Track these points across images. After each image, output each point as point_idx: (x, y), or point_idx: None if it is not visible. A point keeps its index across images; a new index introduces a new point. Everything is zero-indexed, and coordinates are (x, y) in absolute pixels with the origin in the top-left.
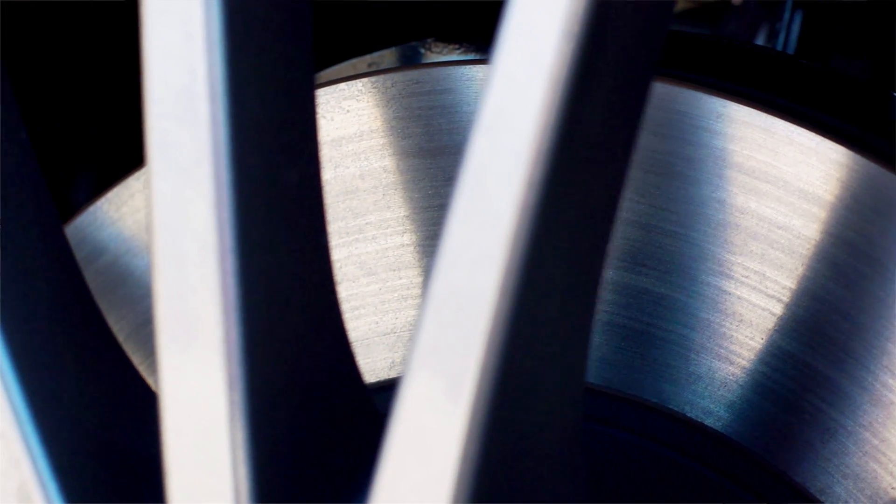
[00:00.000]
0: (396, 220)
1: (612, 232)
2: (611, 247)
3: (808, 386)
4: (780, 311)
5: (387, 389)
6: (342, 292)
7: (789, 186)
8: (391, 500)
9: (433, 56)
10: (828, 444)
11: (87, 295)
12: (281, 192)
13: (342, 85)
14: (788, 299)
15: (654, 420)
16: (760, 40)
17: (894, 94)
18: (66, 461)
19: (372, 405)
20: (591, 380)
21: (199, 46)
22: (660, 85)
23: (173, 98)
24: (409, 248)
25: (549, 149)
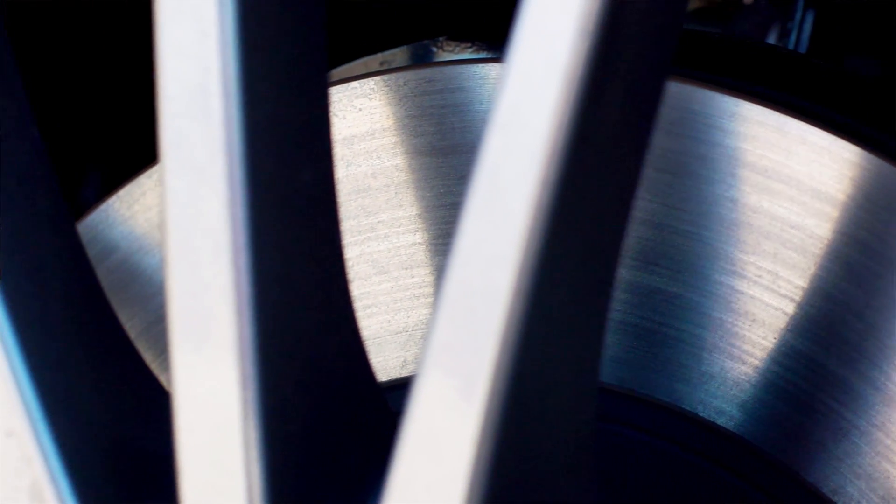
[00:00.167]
0: (408, 218)
1: (626, 230)
2: (624, 245)
3: (821, 385)
4: (793, 311)
5: (398, 388)
6: (354, 291)
7: (802, 186)
8: (404, 500)
9: (445, 55)
10: (840, 443)
11: (99, 293)
12: (294, 190)
13: (354, 83)
14: (801, 299)
15: (667, 419)
16: (771, 40)
17: None
18: (78, 459)
19: (385, 404)
20: (603, 379)
21: (213, 44)
22: (673, 83)
23: (187, 96)
24: (421, 246)
25: (564, 147)
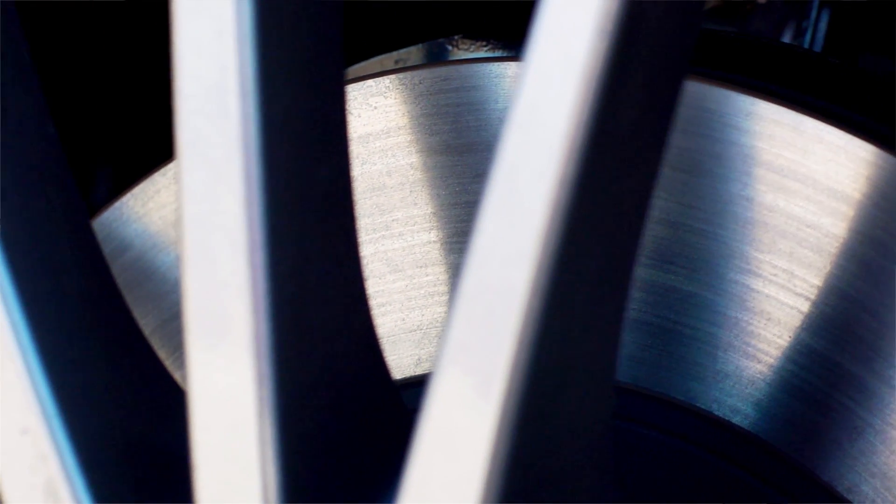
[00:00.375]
0: (423, 216)
1: (643, 229)
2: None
3: (836, 384)
4: (808, 310)
5: (413, 386)
6: (368, 289)
7: (818, 185)
8: (420, 499)
9: (460, 53)
10: (855, 442)
11: (114, 290)
12: (311, 188)
13: (370, 81)
14: (816, 297)
15: (682, 418)
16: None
17: None
18: (93, 457)
19: (401, 402)
20: (618, 377)
21: (231, 42)
22: (689, 82)
23: (204, 94)
24: (436, 244)
25: (582, 146)
